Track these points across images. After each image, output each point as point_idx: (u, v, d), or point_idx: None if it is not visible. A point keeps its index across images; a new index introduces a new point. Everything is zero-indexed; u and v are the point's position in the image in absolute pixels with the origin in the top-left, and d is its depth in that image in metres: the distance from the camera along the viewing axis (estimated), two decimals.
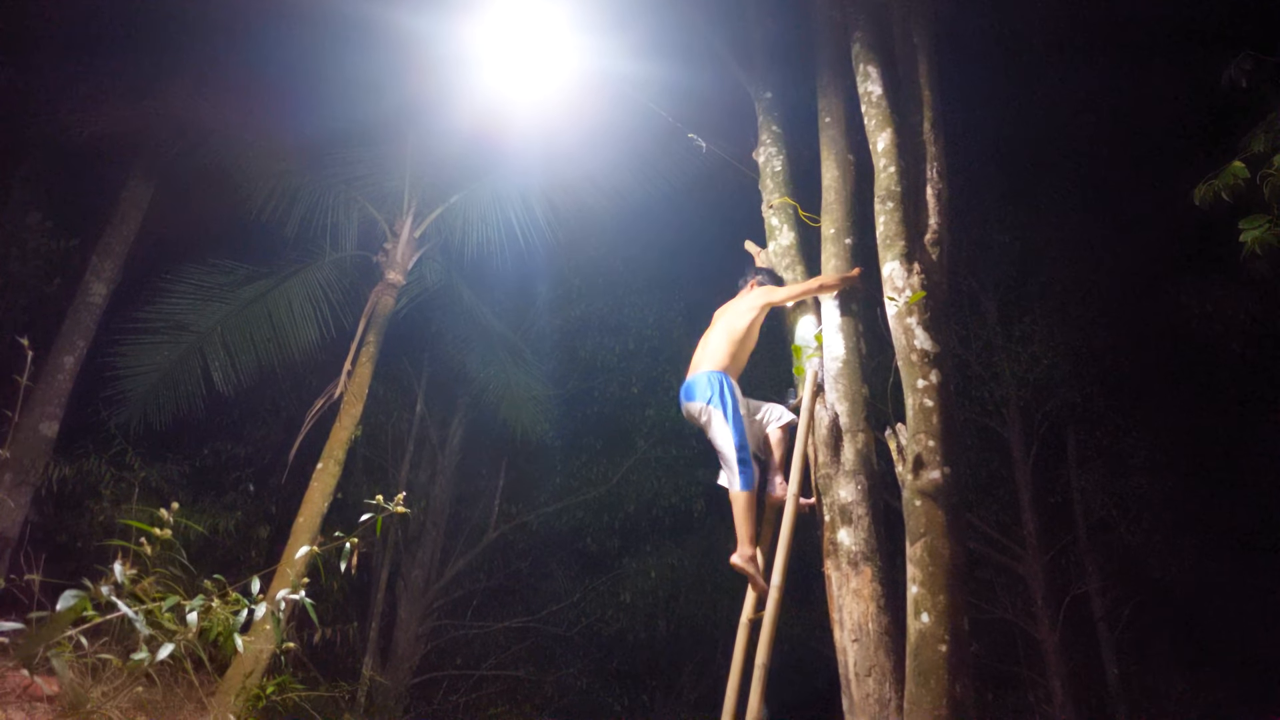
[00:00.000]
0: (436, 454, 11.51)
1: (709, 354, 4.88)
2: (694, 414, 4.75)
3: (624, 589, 11.27)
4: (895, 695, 3.72)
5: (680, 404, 4.87)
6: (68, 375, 7.02)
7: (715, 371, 4.74)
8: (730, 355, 4.83)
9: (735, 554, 4.41)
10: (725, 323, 4.98)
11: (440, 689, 10.51)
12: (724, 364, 4.79)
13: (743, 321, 4.92)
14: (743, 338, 4.89)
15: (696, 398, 4.72)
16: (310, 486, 6.66)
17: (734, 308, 5.05)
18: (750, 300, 5.01)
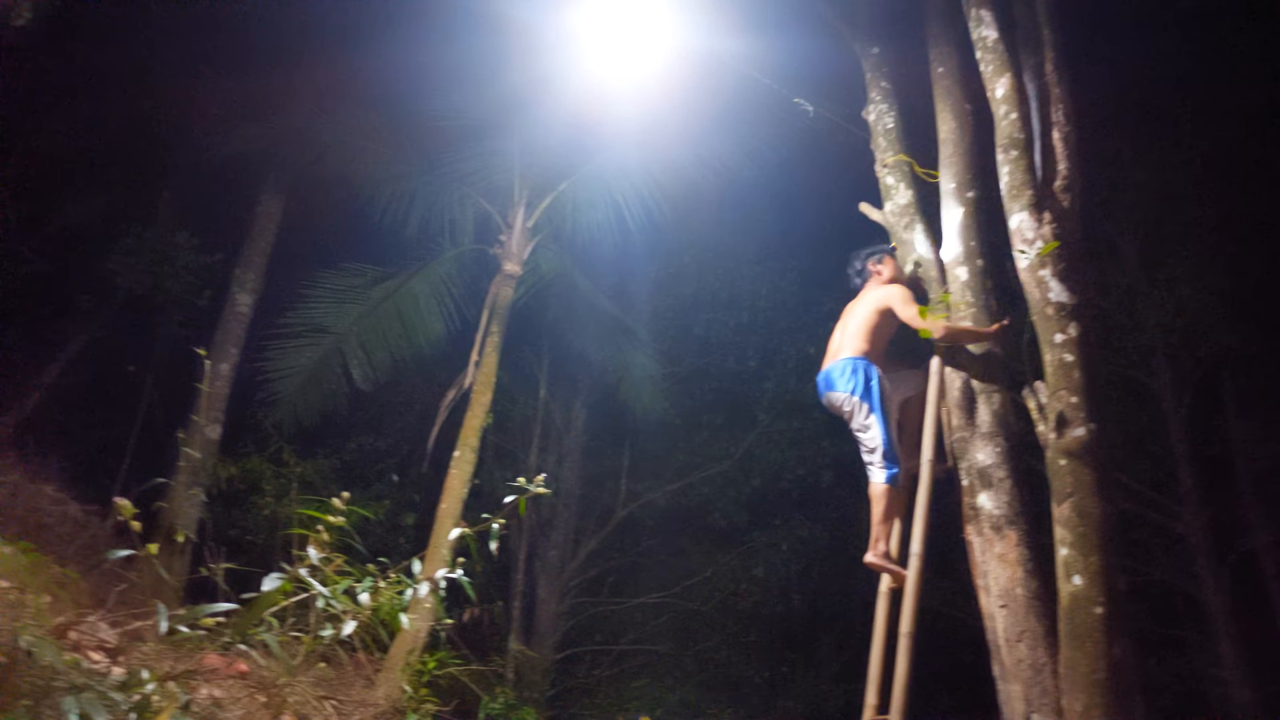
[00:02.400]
0: (562, 437, 11.80)
1: (848, 338, 4.73)
2: (836, 405, 4.61)
3: (756, 563, 11.28)
4: (1049, 659, 3.61)
5: (820, 393, 4.74)
6: (225, 381, 7.59)
7: (857, 357, 4.60)
8: (869, 340, 4.66)
9: (869, 553, 4.38)
10: (859, 311, 4.81)
11: (583, 664, 10.84)
12: (864, 349, 4.63)
13: (871, 311, 4.75)
14: (878, 325, 4.71)
15: (839, 388, 4.58)
16: (449, 474, 6.98)
17: (866, 299, 4.87)
18: (882, 295, 4.77)
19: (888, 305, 4.70)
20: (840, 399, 4.56)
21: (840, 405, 4.57)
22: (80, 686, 1.67)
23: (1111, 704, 3.30)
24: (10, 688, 1.71)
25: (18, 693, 1.71)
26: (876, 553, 4.33)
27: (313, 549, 2.54)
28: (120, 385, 9.24)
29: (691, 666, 10.62)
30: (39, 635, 1.85)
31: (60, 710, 1.65)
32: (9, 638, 1.80)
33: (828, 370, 4.70)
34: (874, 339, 4.66)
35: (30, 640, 1.81)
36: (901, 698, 3.84)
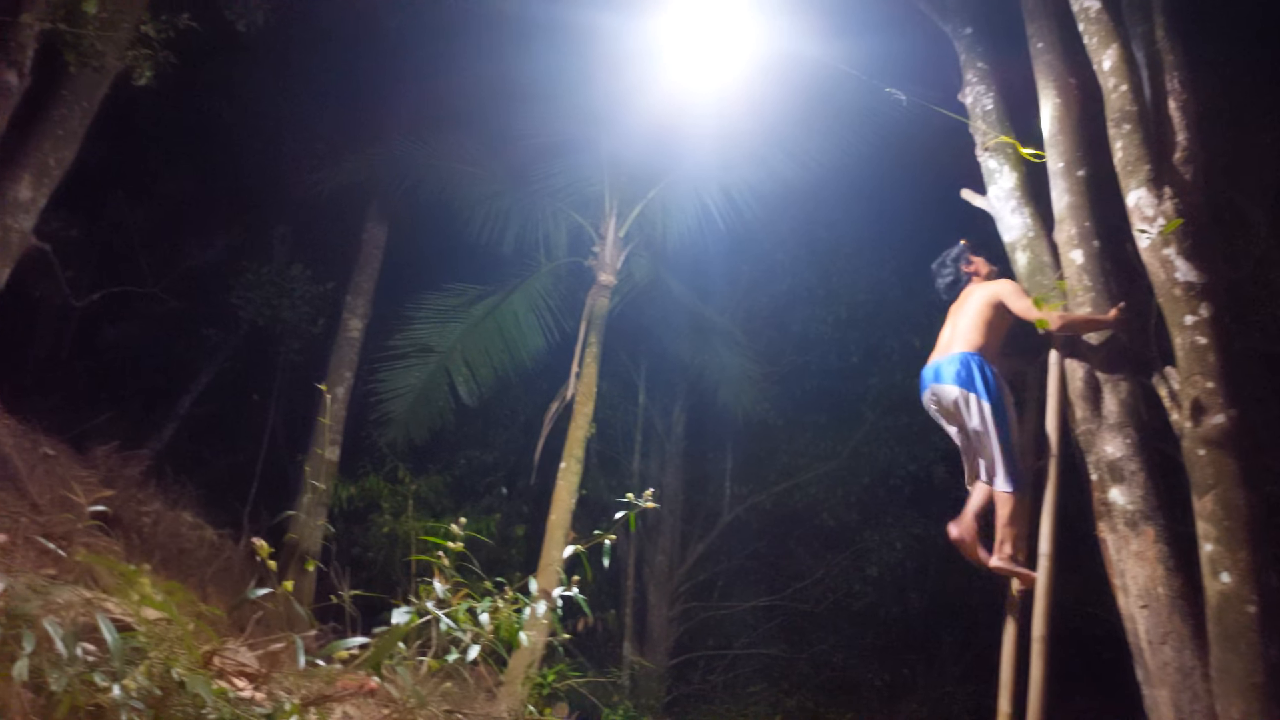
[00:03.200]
0: (663, 442, 11.82)
1: (959, 334, 4.40)
2: (944, 400, 4.28)
3: (869, 563, 11.03)
4: (1198, 662, 3.38)
5: (923, 390, 4.44)
6: (341, 405, 7.94)
7: (969, 352, 4.29)
8: (983, 335, 4.32)
9: (994, 557, 4.19)
10: (969, 308, 4.51)
11: (698, 669, 10.82)
12: (978, 344, 4.30)
13: (982, 305, 4.43)
14: (991, 319, 4.38)
15: (946, 379, 4.26)
16: (557, 485, 7.09)
17: (974, 296, 4.56)
18: (992, 290, 4.48)
19: (999, 299, 4.43)
20: (949, 392, 4.25)
21: (949, 400, 4.26)
22: (228, 717, 1.76)
23: (1272, 710, 3.06)
24: (165, 717, 1.83)
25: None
26: (1002, 556, 4.16)
27: (438, 582, 2.61)
28: (246, 413, 9.79)
29: (807, 670, 10.45)
30: (189, 666, 1.97)
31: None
32: (161, 669, 1.91)
33: (935, 364, 4.40)
34: (988, 335, 4.36)
35: (181, 671, 1.92)
36: (1039, 705, 3.67)
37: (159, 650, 1.97)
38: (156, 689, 1.83)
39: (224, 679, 2.34)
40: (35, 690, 1.69)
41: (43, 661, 1.67)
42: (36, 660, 1.65)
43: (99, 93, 5.45)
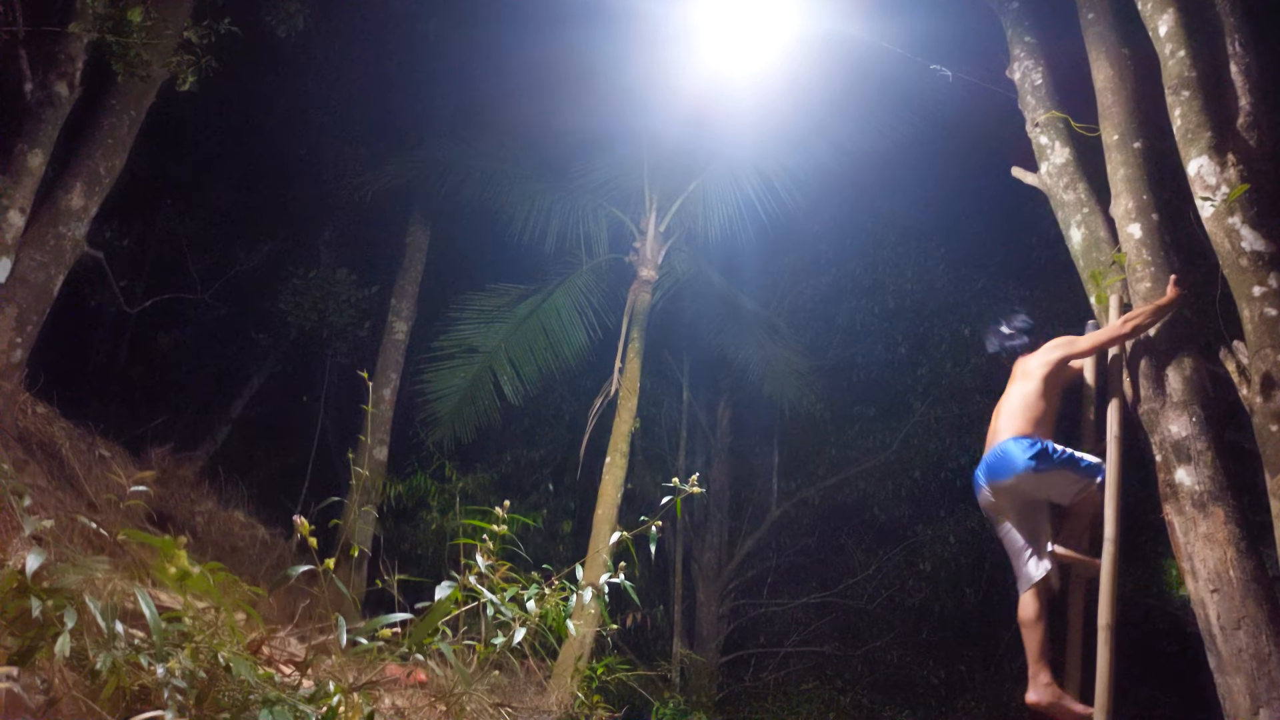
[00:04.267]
0: (709, 438, 11.74)
1: (1006, 422, 4.15)
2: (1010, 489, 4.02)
3: (922, 558, 10.82)
4: (1275, 648, 3.22)
5: (978, 486, 4.16)
6: (388, 405, 8.02)
7: (1022, 436, 4.03)
8: (1030, 424, 4.06)
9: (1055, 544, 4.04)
10: (1012, 394, 4.26)
11: (749, 667, 10.71)
12: (1029, 429, 4.05)
13: (1033, 385, 4.15)
14: (1040, 404, 4.11)
15: (1014, 472, 3.97)
16: (603, 480, 7.07)
17: (1018, 374, 4.32)
18: (1041, 358, 4.23)
19: (1048, 366, 4.16)
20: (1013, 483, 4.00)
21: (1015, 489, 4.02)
22: (273, 700, 1.75)
23: None
24: (211, 702, 1.82)
25: (218, 706, 1.82)
26: (1066, 543, 4.01)
27: (480, 556, 2.59)
28: (296, 415, 9.95)
29: (861, 668, 10.27)
30: (235, 651, 1.96)
31: None
32: (208, 654, 1.92)
33: (990, 459, 4.11)
34: (1037, 419, 4.09)
35: (228, 656, 1.92)
36: (1106, 695, 3.52)
37: (204, 634, 1.97)
38: (201, 672, 1.83)
39: (271, 666, 2.34)
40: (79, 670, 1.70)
41: (86, 641, 1.68)
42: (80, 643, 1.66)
43: (146, 101, 5.56)
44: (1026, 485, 4.06)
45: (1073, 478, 4.01)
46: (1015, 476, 4.03)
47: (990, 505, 4.21)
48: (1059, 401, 4.24)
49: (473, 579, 2.48)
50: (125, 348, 10.11)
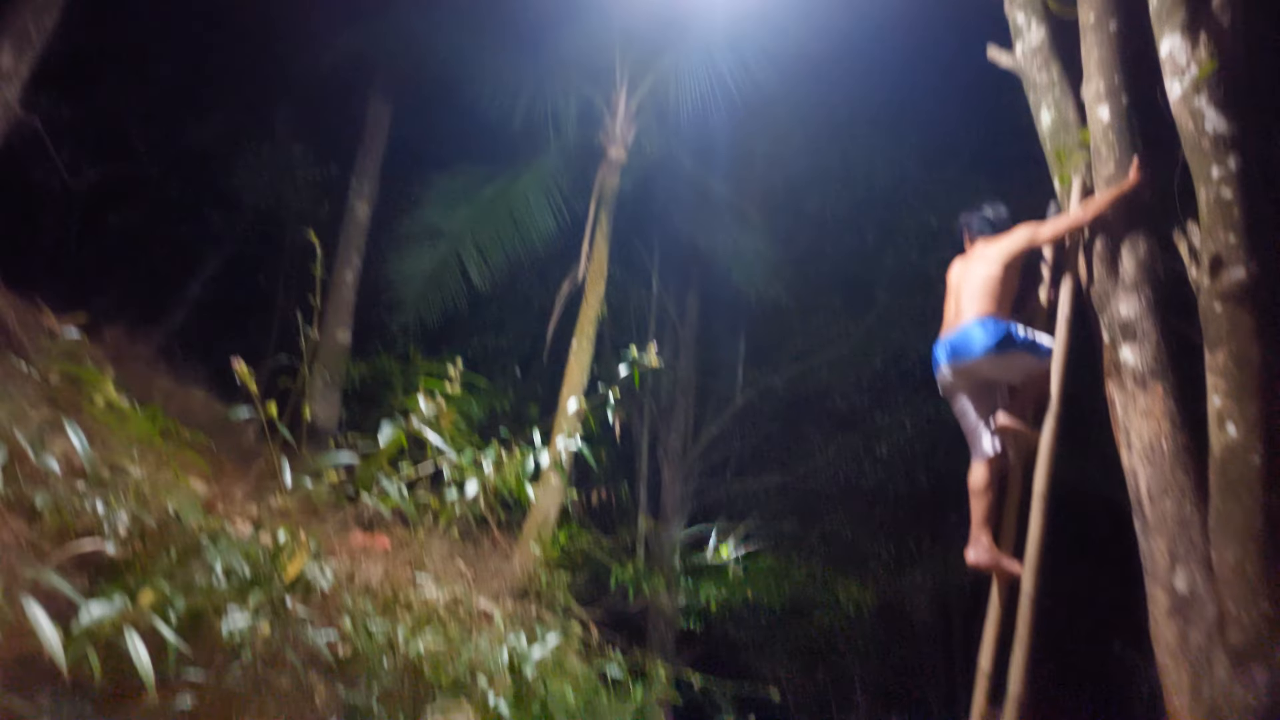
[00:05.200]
0: (677, 328, 11.81)
1: (969, 303, 4.21)
2: (971, 372, 4.16)
3: (879, 443, 11.14)
4: (1197, 514, 3.40)
5: (938, 367, 4.28)
6: (350, 288, 7.91)
7: (985, 317, 4.12)
8: (994, 303, 4.14)
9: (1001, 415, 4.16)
10: (976, 273, 4.29)
11: (708, 543, 11.12)
12: (989, 311, 4.13)
13: (994, 270, 4.21)
14: (1000, 289, 4.18)
15: (973, 352, 4.08)
16: (569, 364, 7.12)
17: (982, 256, 4.35)
18: (1002, 246, 4.27)
19: (1012, 252, 4.23)
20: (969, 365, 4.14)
21: (975, 370, 4.16)
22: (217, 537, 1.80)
23: (1268, 554, 3.09)
24: (157, 541, 1.86)
25: (164, 544, 1.85)
26: (1010, 414, 4.15)
27: (423, 400, 2.62)
28: (256, 299, 9.81)
29: (817, 544, 10.73)
30: (184, 499, 2.00)
31: (204, 561, 1.79)
32: (157, 505, 1.94)
33: (953, 339, 4.22)
34: (1000, 300, 4.18)
35: (177, 504, 1.95)
36: (1036, 556, 3.73)
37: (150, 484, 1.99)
38: (149, 518, 1.86)
39: (228, 521, 2.38)
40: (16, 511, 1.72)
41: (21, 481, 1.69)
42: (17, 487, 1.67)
43: None
44: (987, 366, 4.20)
45: (1032, 361, 4.13)
46: (977, 358, 4.15)
47: (948, 385, 4.35)
48: (1018, 286, 4.32)
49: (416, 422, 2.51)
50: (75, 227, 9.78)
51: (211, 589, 1.97)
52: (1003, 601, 4.08)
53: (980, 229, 4.55)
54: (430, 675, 2.54)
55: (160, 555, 1.83)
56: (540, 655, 2.62)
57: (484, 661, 2.70)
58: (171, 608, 1.81)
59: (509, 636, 2.85)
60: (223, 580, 1.98)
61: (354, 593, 2.48)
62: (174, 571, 1.91)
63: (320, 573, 2.10)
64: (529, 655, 2.61)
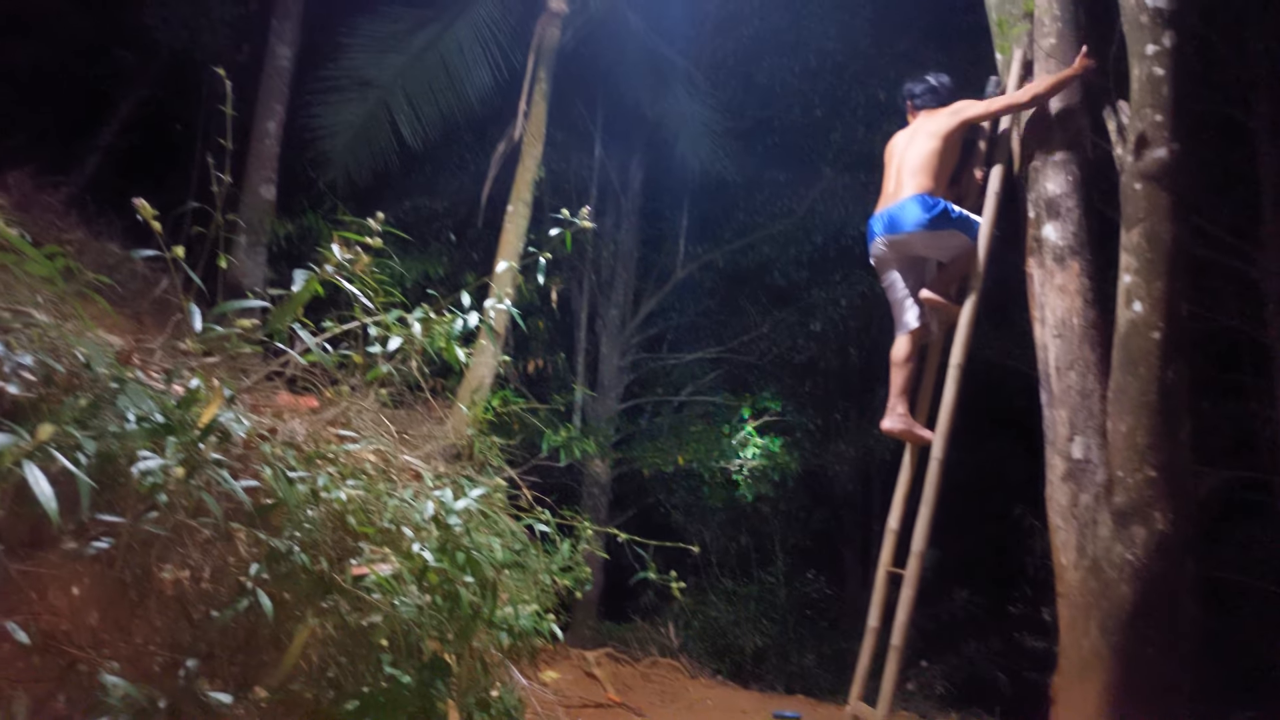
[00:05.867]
0: (619, 198, 11.63)
1: (907, 178, 4.21)
2: (904, 246, 4.22)
3: (814, 319, 11.34)
4: (1098, 386, 3.59)
5: (872, 238, 4.32)
6: (273, 140, 7.51)
7: (921, 194, 4.13)
8: (931, 178, 4.16)
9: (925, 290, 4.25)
10: (916, 147, 4.26)
11: (645, 414, 11.38)
12: (927, 188, 4.15)
13: (934, 144, 4.19)
14: (939, 163, 4.19)
15: (908, 226, 4.14)
16: (504, 229, 6.98)
17: (923, 129, 4.31)
18: (944, 117, 4.25)
19: (950, 126, 4.20)
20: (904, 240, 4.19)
21: (908, 246, 4.22)
22: (125, 382, 1.76)
23: (1159, 425, 3.30)
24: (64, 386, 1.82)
25: (71, 389, 1.82)
26: (935, 289, 4.25)
27: (336, 246, 2.56)
28: (173, 148, 9.27)
29: (748, 414, 11.06)
30: (94, 347, 1.94)
31: (115, 408, 1.76)
32: (66, 349, 1.89)
33: (888, 212, 4.25)
34: (937, 176, 4.19)
35: (86, 351, 1.90)
36: (947, 421, 3.92)
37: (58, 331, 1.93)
38: (58, 365, 1.81)
39: (141, 372, 2.34)
40: None
41: None
42: None
43: None
44: (919, 241, 4.27)
45: (962, 240, 4.20)
46: (911, 233, 4.21)
47: (880, 257, 4.42)
48: (955, 162, 4.35)
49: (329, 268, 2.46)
50: None
51: (124, 434, 1.95)
52: (914, 466, 4.30)
53: (923, 100, 4.53)
54: (355, 525, 2.59)
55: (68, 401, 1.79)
56: (465, 506, 2.68)
57: (410, 514, 2.76)
58: (81, 451, 1.79)
59: (436, 492, 2.90)
60: (135, 426, 1.96)
61: (276, 445, 2.48)
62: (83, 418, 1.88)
63: (237, 420, 2.09)
64: (454, 508, 2.67)
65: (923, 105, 4.51)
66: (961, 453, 7.59)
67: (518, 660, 3.64)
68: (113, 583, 2.00)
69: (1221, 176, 8.79)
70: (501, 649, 2.98)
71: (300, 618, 2.26)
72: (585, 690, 5.75)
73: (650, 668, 7.54)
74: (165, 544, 2.17)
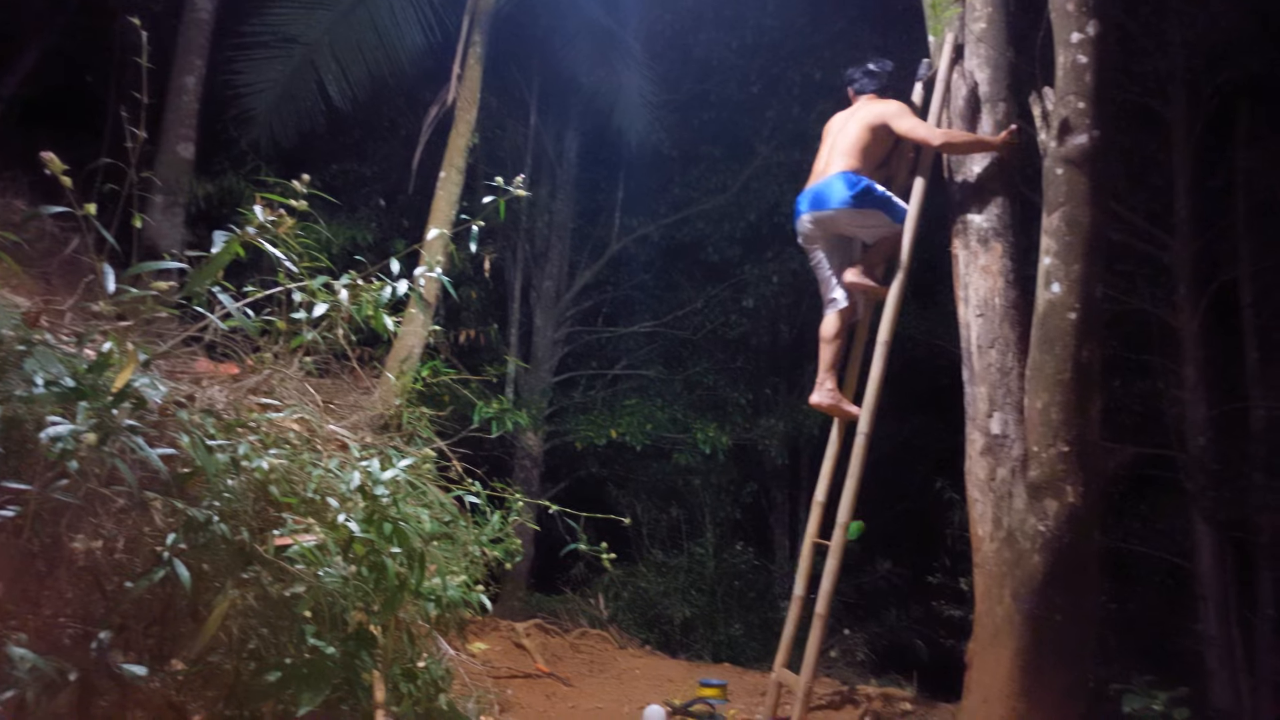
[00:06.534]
0: (555, 168, 11.51)
1: (836, 157, 4.28)
2: (824, 223, 4.30)
3: (747, 295, 11.44)
4: (1017, 364, 3.72)
5: (799, 215, 4.39)
6: (192, 96, 7.17)
7: (848, 171, 4.20)
8: (860, 159, 4.23)
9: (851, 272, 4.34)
10: (849, 129, 4.34)
11: (579, 387, 11.36)
12: (855, 167, 4.22)
13: (863, 130, 4.28)
14: (869, 146, 4.27)
15: (832, 203, 4.20)
16: (436, 195, 6.84)
17: (857, 114, 4.39)
18: (876, 109, 4.33)
19: (882, 120, 4.28)
20: (830, 216, 4.27)
21: (833, 222, 4.30)
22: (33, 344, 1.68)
23: (1072, 401, 3.43)
24: None
25: None
26: (861, 269, 4.33)
27: (259, 207, 2.48)
28: (84, 101, 8.80)
29: (680, 389, 11.14)
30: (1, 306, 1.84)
31: (22, 372, 1.67)
32: None
33: (815, 189, 4.32)
34: (866, 158, 4.27)
35: None
36: (874, 397, 4.01)
37: None
38: None
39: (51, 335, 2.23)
40: None
41: None
42: None
43: None
44: (843, 219, 4.33)
45: (885, 220, 4.28)
46: (834, 210, 4.28)
47: (807, 234, 4.47)
48: (886, 149, 4.42)
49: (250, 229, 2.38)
50: None
51: (31, 398, 1.86)
52: (841, 441, 4.40)
53: (862, 85, 4.59)
54: (278, 495, 2.53)
55: None
56: (393, 477, 2.64)
57: (335, 484, 2.71)
58: None
59: (363, 463, 2.85)
60: (44, 390, 1.87)
61: (194, 413, 2.40)
62: None
63: (153, 386, 2.01)
64: (381, 478, 2.63)
65: (862, 90, 4.58)
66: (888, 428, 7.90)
67: (445, 631, 3.62)
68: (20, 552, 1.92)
69: (1139, 165, 9.15)
70: (429, 620, 2.96)
71: (220, 589, 2.21)
72: (514, 661, 5.77)
73: (579, 639, 7.59)
74: (76, 513, 2.08)
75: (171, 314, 2.75)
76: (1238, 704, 8.46)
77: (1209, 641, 8.65)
